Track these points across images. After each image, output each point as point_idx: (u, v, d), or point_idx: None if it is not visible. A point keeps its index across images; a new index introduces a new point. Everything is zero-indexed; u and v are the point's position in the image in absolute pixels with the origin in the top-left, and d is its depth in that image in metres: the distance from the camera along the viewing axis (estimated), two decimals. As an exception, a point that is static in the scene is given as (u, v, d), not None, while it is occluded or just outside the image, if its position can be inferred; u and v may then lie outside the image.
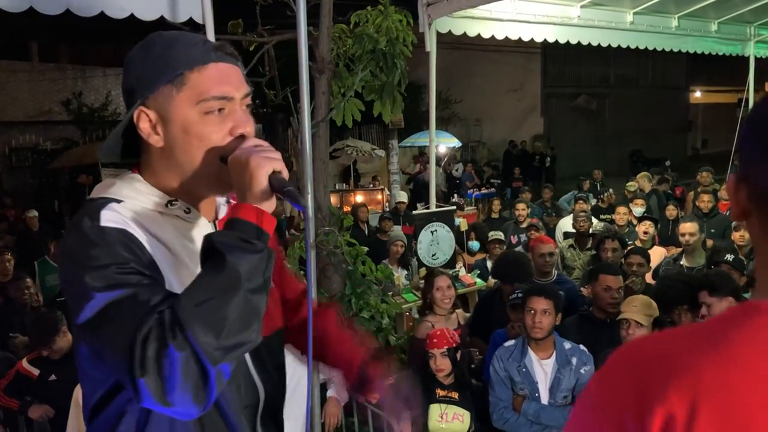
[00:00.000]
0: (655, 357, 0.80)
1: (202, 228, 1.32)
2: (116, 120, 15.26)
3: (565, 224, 7.73)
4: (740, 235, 5.86)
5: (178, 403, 1.05)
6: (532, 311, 3.32)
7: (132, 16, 3.34)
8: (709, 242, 6.16)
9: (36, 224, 9.40)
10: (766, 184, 0.79)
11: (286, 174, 1.20)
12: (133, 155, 1.34)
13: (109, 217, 1.17)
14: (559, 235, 7.74)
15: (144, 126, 1.25)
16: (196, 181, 1.27)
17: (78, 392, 3.57)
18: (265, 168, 1.16)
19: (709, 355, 0.76)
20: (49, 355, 4.01)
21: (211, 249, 1.11)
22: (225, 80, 1.24)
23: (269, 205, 1.18)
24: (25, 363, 4.08)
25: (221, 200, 1.42)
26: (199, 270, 1.15)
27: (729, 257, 4.63)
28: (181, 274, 1.23)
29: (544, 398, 3.28)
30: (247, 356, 1.34)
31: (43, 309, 4.86)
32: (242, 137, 1.24)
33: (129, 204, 1.23)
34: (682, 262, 5.31)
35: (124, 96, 1.30)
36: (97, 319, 1.09)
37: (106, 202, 1.21)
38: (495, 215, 9.45)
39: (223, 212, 1.41)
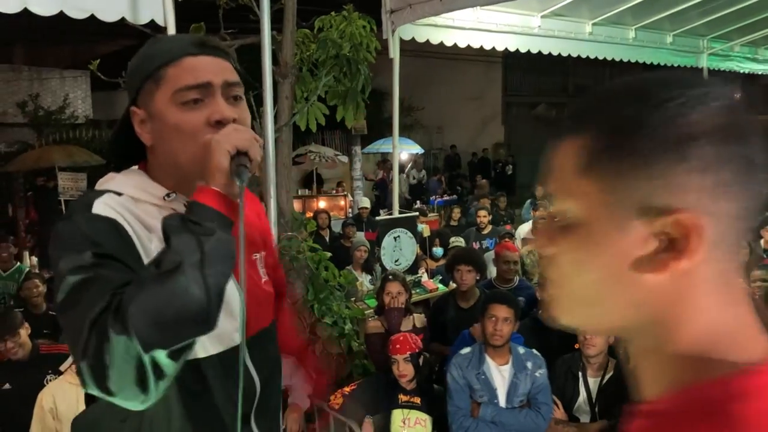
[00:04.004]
0: None
1: None
2: (75, 123, 14.93)
3: (524, 230, 7.82)
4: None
5: (118, 391, 1.00)
6: (494, 318, 3.34)
7: (92, 16, 3.28)
8: None
9: (-12, 229, 9.14)
10: None
11: (255, 151, 1.15)
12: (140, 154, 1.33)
13: (100, 207, 1.18)
14: (518, 241, 7.82)
15: (135, 124, 1.26)
16: (185, 174, 1.23)
17: (42, 397, 3.48)
18: (225, 147, 1.12)
19: None
20: (8, 352, 3.90)
21: (163, 232, 1.08)
22: (200, 70, 1.21)
23: (231, 187, 1.14)
24: (-23, 372, 3.97)
25: None
26: None
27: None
28: None
29: (502, 403, 3.31)
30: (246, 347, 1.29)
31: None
32: (219, 123, 1.20)
33: (127, 196, 1.23)
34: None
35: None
36: (66, 300, 1.06)
37: (103, 193, 1.22)
38: (454, 222, 9.47)
39: None
